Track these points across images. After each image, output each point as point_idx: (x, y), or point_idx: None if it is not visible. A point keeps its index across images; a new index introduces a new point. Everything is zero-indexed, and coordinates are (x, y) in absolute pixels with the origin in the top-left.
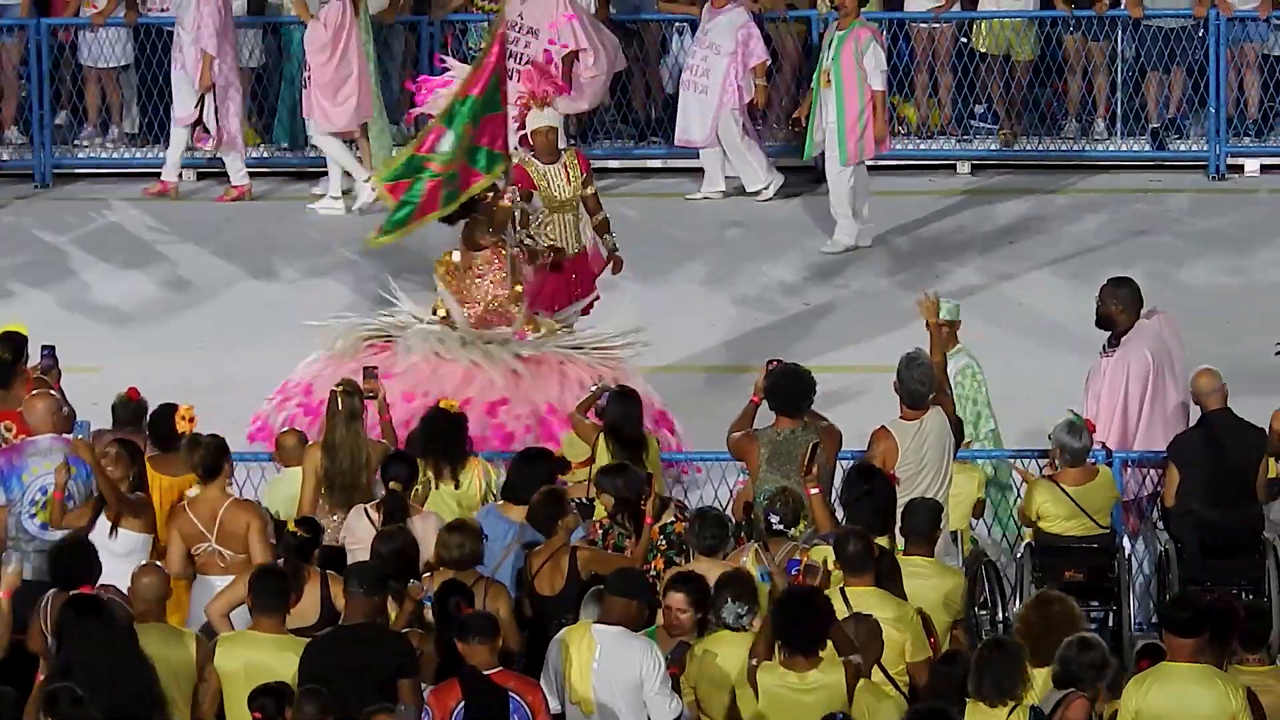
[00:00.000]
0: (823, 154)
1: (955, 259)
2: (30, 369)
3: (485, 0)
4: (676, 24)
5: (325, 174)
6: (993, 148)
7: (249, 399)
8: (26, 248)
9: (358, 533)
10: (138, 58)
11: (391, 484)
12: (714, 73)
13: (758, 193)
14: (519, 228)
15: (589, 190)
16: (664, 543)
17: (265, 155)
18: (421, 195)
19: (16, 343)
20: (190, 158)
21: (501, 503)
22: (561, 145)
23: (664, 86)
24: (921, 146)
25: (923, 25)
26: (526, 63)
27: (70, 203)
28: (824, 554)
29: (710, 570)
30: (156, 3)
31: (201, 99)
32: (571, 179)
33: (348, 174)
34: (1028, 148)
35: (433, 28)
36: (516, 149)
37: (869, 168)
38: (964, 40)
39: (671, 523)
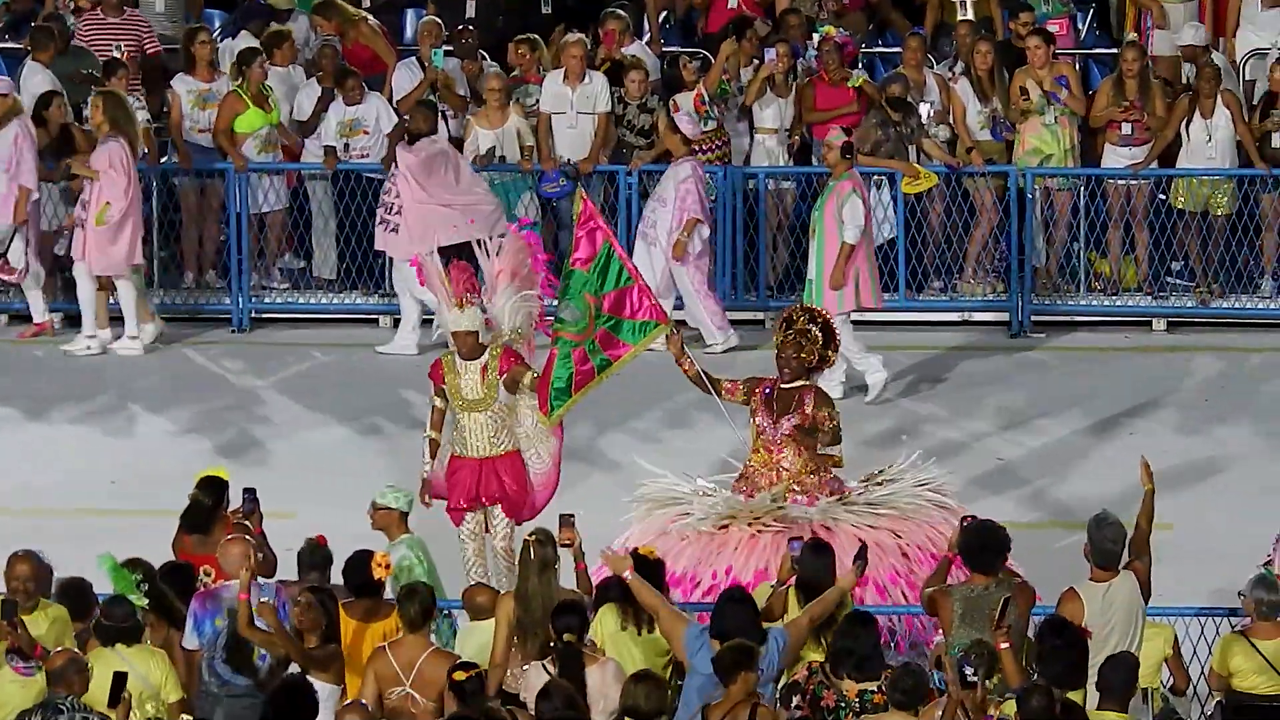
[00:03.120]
0: None
1: (1149, 416)
2: (231, 513)
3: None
4: (875, 177)
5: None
6: (1189, 305)
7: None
8: (225, 392)
9: (535, 686)
10: (335, 204)
11: (565, 635)
12: (660, 225)
13: (710, 347)
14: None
15: (526, 379)
16: (857, 704)
17: None
18: (573, 365)
19: (217, 487)
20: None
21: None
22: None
23: None
24: (1117, 303)
25: (1120, 182)
26: (396, 213)
27: (267, 347)
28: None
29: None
30: (357, 149)
31: (13, 234)
32: (487, 378)
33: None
34: (1224, 305)
35: (631, 178)
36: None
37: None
38: (1161, 197)
39: (872, 691)
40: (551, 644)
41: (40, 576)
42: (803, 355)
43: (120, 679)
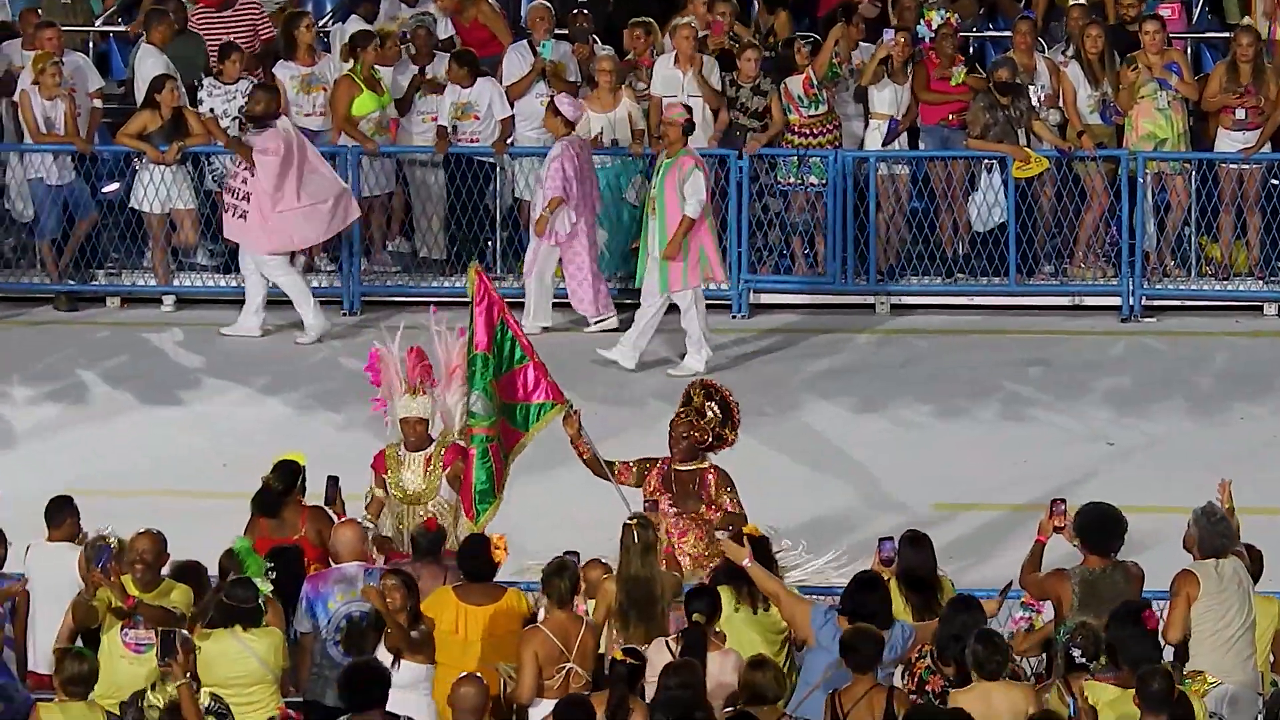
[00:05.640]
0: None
1: (1260, 401)
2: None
3: (794, 135)
4: (986, 161)
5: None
6: None
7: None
8: (335, 375)
9: (658, 666)
10: (447, 187)
11: (695, 616)
12: (537, 205)
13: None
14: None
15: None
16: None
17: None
18: (492, 462)
19: (291, 471)
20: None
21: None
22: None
23: (971, 224)
24: (1228, 287)
25: (1231, 166)
26: (243, 198)
27: (376, 331)
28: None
29: (990, 694)
30: (466, 134)
31: None
32: (430, 470)
33: None
34: None
35: (742, 161)
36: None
37: None
38: (1274, 182)
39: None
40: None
41: (159, 554)
42: (695, 434)
43: (168, 635)
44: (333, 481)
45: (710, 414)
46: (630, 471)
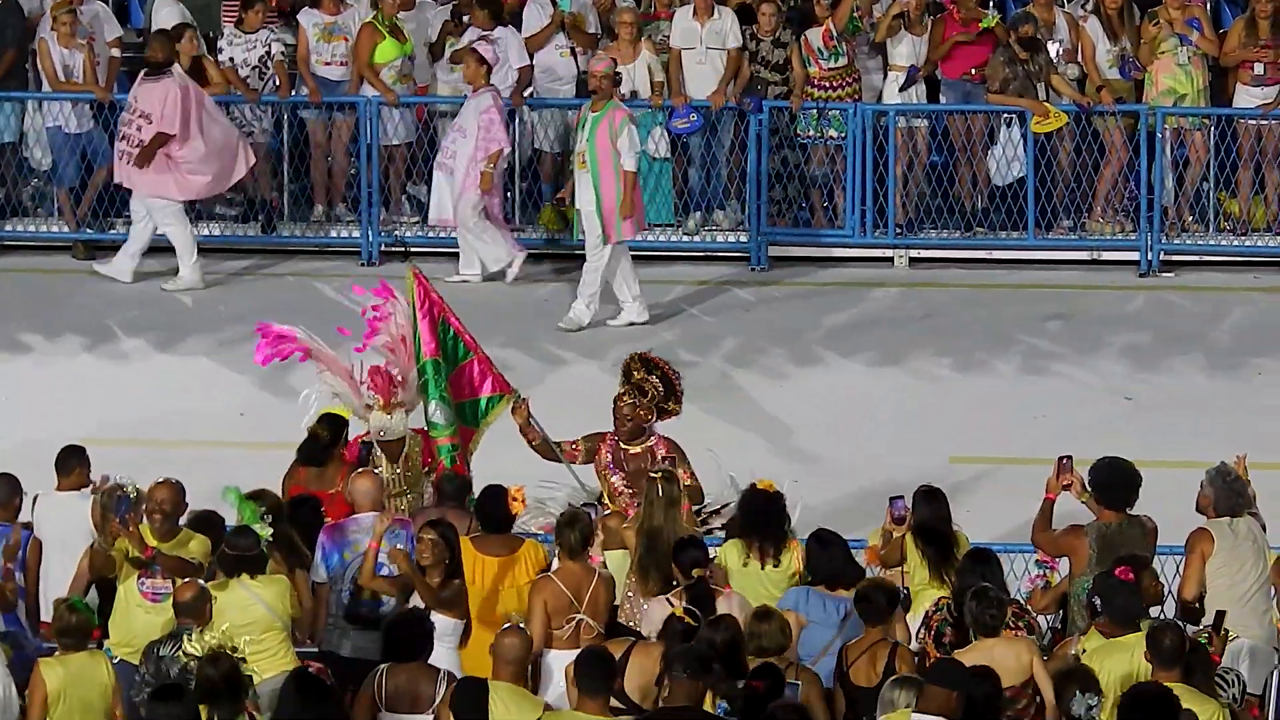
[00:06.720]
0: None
1: (1276, 356)
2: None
3: (817, 89)
4: (1005, 115)
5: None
6: None
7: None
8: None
9: (657, 621)
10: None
11: (695, 571)
12: (460, 155)
13: (502, 274)
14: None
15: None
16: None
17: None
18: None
19: (336, 424)
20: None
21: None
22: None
23: (990, 178)
24: (1246, 243)
25: (1250, 122)
26: (137, 145)
27: (397, 281)
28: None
29: (992, 650)
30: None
31: None
32: (410, 467)
33: None
34: None
35: (761, 115)
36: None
37: None
38: None
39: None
40: (673, 581)
41: (177, 504)
42: (640, 413)
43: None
44: (368, 445)
45: (651, 391)
46: (580, 450)
